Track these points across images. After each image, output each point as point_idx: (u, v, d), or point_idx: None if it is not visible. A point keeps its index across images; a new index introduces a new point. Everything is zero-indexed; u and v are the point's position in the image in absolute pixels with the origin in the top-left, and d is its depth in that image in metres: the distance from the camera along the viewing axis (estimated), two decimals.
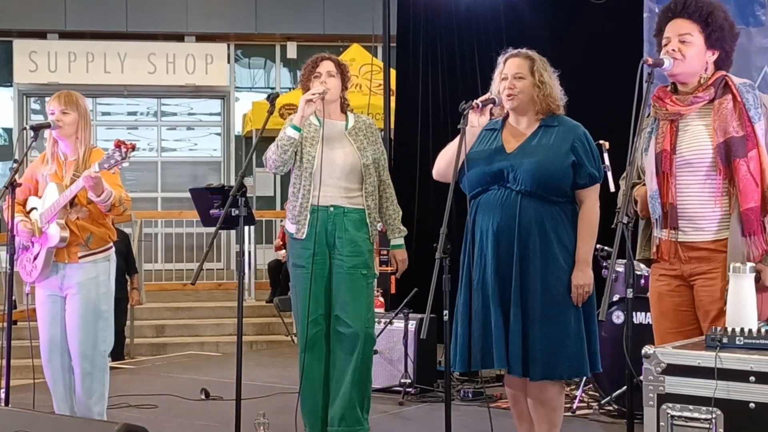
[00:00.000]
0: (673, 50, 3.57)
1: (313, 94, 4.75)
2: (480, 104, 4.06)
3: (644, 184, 3.72)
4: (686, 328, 3.62)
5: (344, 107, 5.04)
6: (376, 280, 5.07)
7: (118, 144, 4.46)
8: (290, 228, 4.91)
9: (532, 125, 4.13)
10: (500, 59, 4.21)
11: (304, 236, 4.84)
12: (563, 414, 4.26)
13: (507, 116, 4.21)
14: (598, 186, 4.13)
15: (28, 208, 4.88)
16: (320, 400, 4.93)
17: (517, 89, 4.08)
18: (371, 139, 4.97)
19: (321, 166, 4.81)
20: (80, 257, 4.75)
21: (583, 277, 4.02)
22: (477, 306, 4.07)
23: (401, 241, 5.09)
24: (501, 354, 4.00)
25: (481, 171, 4.09)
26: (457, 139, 4.05)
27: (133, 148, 4.49)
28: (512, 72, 4.11)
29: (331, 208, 4.84)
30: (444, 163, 4.18)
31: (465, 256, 4.17)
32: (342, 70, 5.00)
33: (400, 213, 5.06)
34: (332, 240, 4.84)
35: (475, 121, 4.10)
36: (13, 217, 4.73)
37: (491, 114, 4.17)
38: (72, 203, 4.70)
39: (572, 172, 4.04)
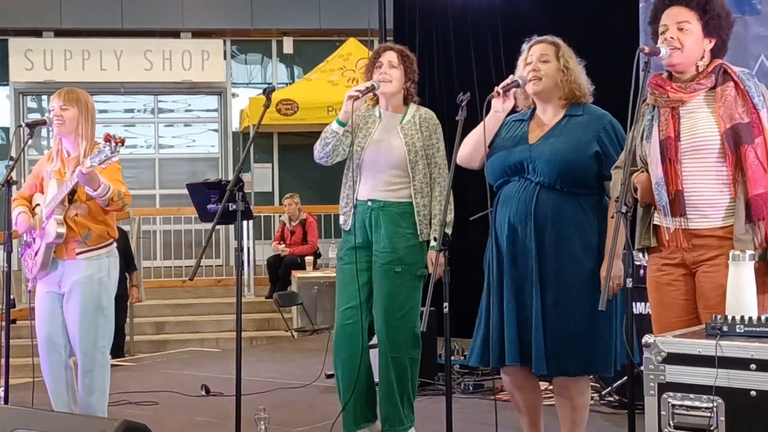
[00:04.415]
0: (672, 38, 3.56)
1: (358, 90, 4.66)
2: (501, 91, 3.99)
3: (643, 171, 3.69)
4: (690, 317, 3.60)
5: (408, 99, 4.88)
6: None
7: (108, 138, 4.43)
8: (341, 219, 4.88)
9: (558, 115, 4.05)
10: (525, 46, 4.13)
11: (348, 227, 4.82)
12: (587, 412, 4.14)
13: (535, 108, 4.13)
14: None
15: (33, 204, 4.90)
16: (357, 397, 4.83)
17: (542, 72, 4.01)
18: (426, 133, 4.78)
19: (365, 160, 4.75)
20: (78, 254, 4.74)
21: (612, 270, 3.74)
22: (495, 301, 4.00)
23: (430, 240, 4.74)
24: (513, 350, 3.92)
25: (503, 162, 4.03)
26: (480, 126, 4.02)
27: (122, 142, 4.46)
28: (537, 55, 4.04)
29: (369, 203, 4.77)
30: (467, 149, 4.11)
31: (489, 249, 4.10)
32: (406, 61, 4.82)
33: (447, 216, 4.41)
34: (371, 235, 4.78)
35: (499, 107, 4.04)
36: (10, 215, 4.73)
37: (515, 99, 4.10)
38: (71, 200, 4.70)
39: (596, 162, 3.94)
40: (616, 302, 3.97)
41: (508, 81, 4.03)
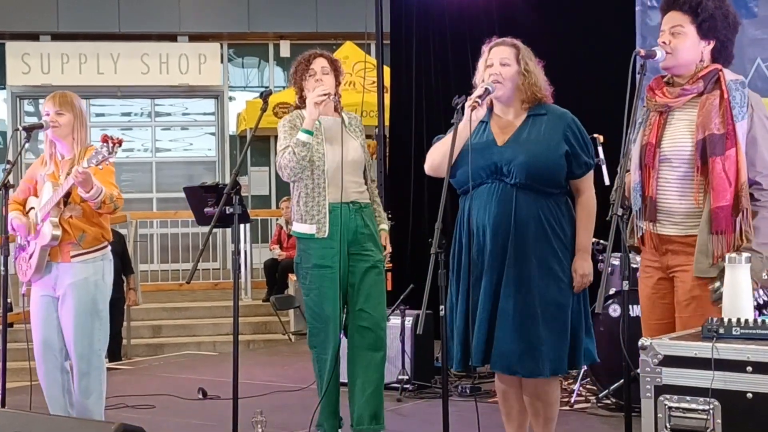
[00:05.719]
0: (663, 42, 3.59)
1: (321, 95, 4.68)
2: (479, 101, 3.97)
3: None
4: (668, 320, 3.64)
5: (337, 104, 4.95)
6: None
7: (105, 139, 4.44)
8: (305, 229, 4.79)
9: (520, 115, 4.07)
10: (484, 47, 4.13)
11: (326, 235, 4.76)
12: (560, 408, 4.25)
13: (492, 108, 4.13)
14: (592, 173, 4.10)
15: (27, 208, 4.90)
16: (337, 401, 4.98)
17: (503, 76, 4.01)
18: (361, 135, 4.97)
19: (340, 163, 4.77)
20: (72, 256, 4.74)
21: (587, 266, 4.00)
22: (474, 301, 4.03)
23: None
24: (479, 350, 3.99)
25: (475, 165, 4.01)
26: (449, 134, 4.01)
27: (120, 143, 4.46)
28: (497, 59, 4.04)
29: (351, 204, 4.81)
30: (439, 157, 4.08)
31: (455, 251, 4.11)
32: (335, 67, 4.92)
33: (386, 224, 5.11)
34: (354, 236, 4.81)
35: (474, 116, 4.02)
36: (6, 218, 4.74)
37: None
38: (66, 201, 4.70)
39: (566, 162, 3.99)
40: (581, 300, 4.06)
41: (480, 91, 3.99)
